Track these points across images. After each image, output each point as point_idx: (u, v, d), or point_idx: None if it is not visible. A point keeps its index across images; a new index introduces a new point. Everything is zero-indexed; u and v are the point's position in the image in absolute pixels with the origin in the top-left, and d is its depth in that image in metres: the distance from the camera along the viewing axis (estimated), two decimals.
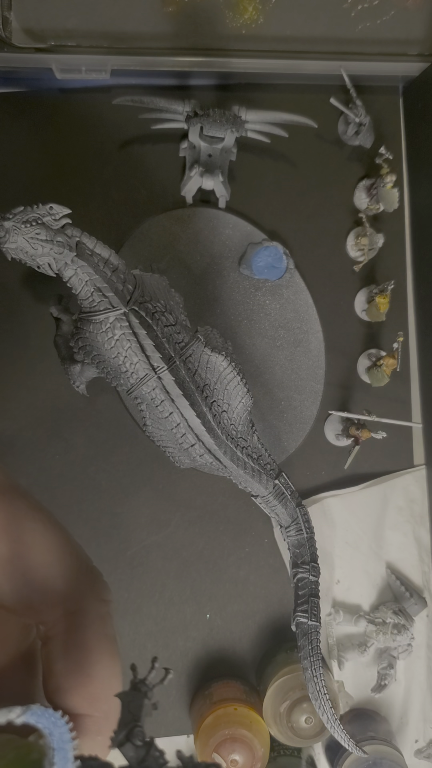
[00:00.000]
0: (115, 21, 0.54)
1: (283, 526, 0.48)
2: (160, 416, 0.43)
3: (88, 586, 0.23)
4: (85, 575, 0.23)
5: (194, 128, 0.53)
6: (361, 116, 0.55)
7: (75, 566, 0.22)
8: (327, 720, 0.47)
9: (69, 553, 0.22)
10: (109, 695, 0.22)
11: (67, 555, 0.22)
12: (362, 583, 0.59)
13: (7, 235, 0.40)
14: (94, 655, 0.22)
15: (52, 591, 0.22)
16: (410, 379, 0.60)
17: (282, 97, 0.57)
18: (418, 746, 0.58)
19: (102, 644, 0.22)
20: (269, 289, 0.57)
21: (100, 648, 0.22)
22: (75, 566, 0.22)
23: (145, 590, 0.57)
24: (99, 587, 0.23)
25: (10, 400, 0.56)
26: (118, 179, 0.57)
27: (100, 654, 0.22)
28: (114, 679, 0.22)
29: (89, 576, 0.23)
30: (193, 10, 0.54)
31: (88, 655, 0.22)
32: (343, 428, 0.58)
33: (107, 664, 0.22)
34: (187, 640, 0.58)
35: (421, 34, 0.57)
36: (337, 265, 0.59)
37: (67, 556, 0.22)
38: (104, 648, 0.22)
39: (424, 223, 0.58)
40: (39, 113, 0.56)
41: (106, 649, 0.22)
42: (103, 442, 0.57)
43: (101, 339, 0.42)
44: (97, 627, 0.22)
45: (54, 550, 0.22)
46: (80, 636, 0.22)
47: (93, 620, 0.22)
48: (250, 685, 0.57)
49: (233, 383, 0.45)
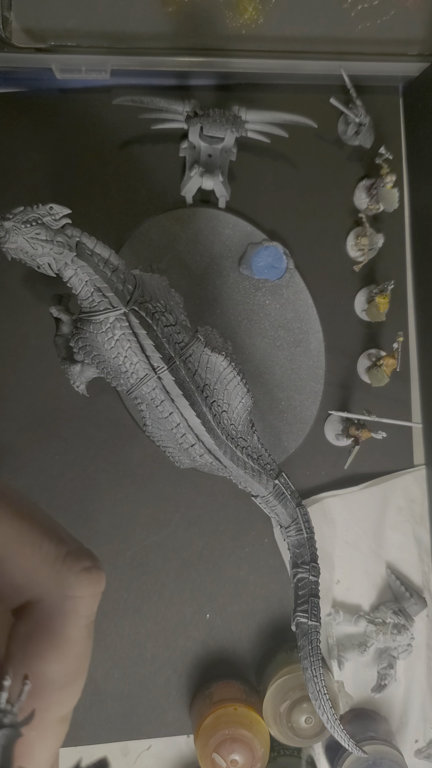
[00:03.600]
0: (115, 21, 0.54)
1: (283, 526, 0.48)
2: (160, 416, 0.43)
3: (52, 579, 0.22)
4: (49, 567, 0.22)
5: (194, 128, 0.53)
6: (361, 116, 0.55)
7: (34, 557, 0.22)
8: (327, 720, 0.47)
9: (28, 542, 0.22)
10: (49, 692, 0.21)
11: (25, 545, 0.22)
12: (362, 583, 0.59)
13: (7, 235, 0.40)
14: (41, 650, 0.22)
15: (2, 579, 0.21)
16: (410, 379, 0.60)
17: (282, 97, 0.57)
18: (418, 746, 0.58)
19: (55, 640, 0.22)
20: (269, 289, 0.57)
21: (53, 644, 0.22)
22: (34, 557, 0.22)
23: (145, 590, 0.57)
24: (70, 583, 0.22)
25: (10, 400, 0.56)
26: (118, 179, 0.57)
27: (48, 650, 0.22)
28: (61, 677, 0.22)
29: (55, 568, 0.22)
30: (193, 10, 0.54)
31: (35, 647, 0.22)
32: (343, 428, 0.58)
33: (55, 661, 0.22)
34: (187, 640, 0.58)
35: (421, 34, 0.57)
36: (337, 265, 0.59)
37: (24, 547, 0.22)
38: (57, 644, 0.22)
39: (424, 223, 0.58)
40: (39, 113, 0.56)
41: (58, 646, 0.22)
42: (103, 442, 0.57)
43: (101, 339, 0.42)
44: (55, 623, 0.22)
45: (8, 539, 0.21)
46: (28, 627, 0.22)
47: (51, 614, 0.22)
48: (250, 685, 0.57)
49: (233, 383, 0.45)
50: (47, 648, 0.22)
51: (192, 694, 0.58)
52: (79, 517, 0.56)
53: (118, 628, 0.57)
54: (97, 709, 0.57)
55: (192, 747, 0.58)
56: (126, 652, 0.57)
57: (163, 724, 0.58)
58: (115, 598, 0.57)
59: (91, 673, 0.57)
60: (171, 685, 0.58)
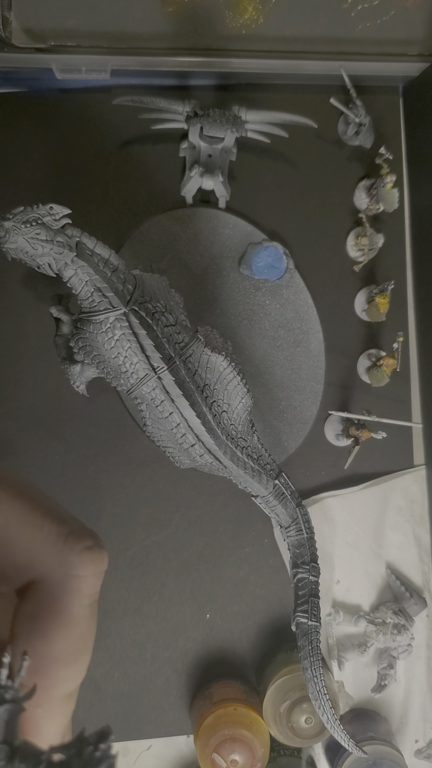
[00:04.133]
0: (115, 21, 0.54)
1: (283, 526, 0.48)
2: (160, 416, 0.43)
3: (54, 559, 0.22)
4: (51, 547, 0.22)
5: (194, 128, 0.53)
6: (361, 116, 0.55)
7: (36, 538, 0.22)
8: (327, 720, 0.47)
9: (30, 523, 0.22)
10: (54, 670, 0.22)
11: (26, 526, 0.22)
12: (362, 583, 0.59)
13: (7, 235, 0.40)
14: (45, 629, 0.22)
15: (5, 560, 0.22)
16: (410, 379, 0.60)
17: (282, 97, 0.57)
18: (418, 746, 0.58)
19: (59, 619, 0.22)
20: (269, 289, 0.57)
21: (56, 623, 0.22)
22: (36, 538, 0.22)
23: (145, 590, 0.57)
24: (72, 562, 0.22)
25: (10, 400, 0.56)
26: (118, 179, 0.57)
27: (52, 629, 0.22)
28: (66, 656, 0.22)
29: (57, 548, 0.22)
30: (193, 10, 0.54)
31: (39, 627, 0.22)
32: (343, 428, 0.58)
33: (59, 639, 0.22)
34: (187, 640, 0.58)
35: (421, 34, 0.57)
36: (337, 265, 0.59)
37: (26, 528, 0.22)
38: (60, 623, 0.22)
39: (424, 223, 0.58)
40: (39, 113, 0.56)
41: (62, 625, 0.22)
42: (103, 442, 0.57)
43: (101, 339, 0.42)
44: (58, 602, 0.22)
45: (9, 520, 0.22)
46: (32, 607, 0.22)
47: (54, 594, 0.22)
48: (250, 685, 0.57)
49: (233, 383, 0.45)
50: (51, 627, 0.22)
51: (192, 694, 0.58)
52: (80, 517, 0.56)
53: (118, 628, 0.57)
54: (97, 709, 0.57)
55: (192, 747, 0.58)
56: (126, 652, 0.57)
57: (163, 724, 0.58)
58: (115, 598, 0.57)
59: (91, 673, 0.57)
60: (171, 685, 0.58)
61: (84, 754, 0.18)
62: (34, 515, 0.22)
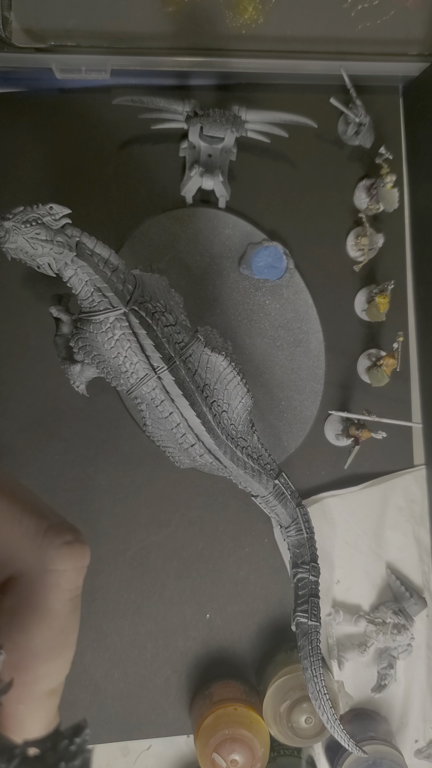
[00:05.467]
0: (115, 21, 0.54)
1: (283, 526, 0.48)
2: (160, 416, 0.43)
3: (33, 553, 0.22)
4: (30, 542, 0.22)
5: (194, 128, 0.53)
6: (361, 116, 0.55)
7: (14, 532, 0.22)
8: (327, 720, 0.47)
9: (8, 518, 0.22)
10: (35, 665, 0.22)
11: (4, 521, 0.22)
12: (362, 583, 0.59)
13: (7, 235, 0.40)
14: (24, 624, 0.22)
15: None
16: (410, 379, 0.60)
17: (282, 97, 0.57)
18: (418, 746, 0.58)
19: (38, 614, 0.22)
20: (269, 289, 0.57)
21: (35, 618, 0.22)
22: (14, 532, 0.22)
23: (145, 590, 0.57)
24: (51, 556, 0.22)
25: (10, 400, 0.56)
26: (118, 179, 0.57)
27: (32, 624, 0.22)
28: (47, 650, 0.22)
29: (36, 543, 0.22)
30: (193, 10, 0.54)
31: (18, 622, 0.22)
32: (343, 428, 0.58)
33: (38, 634, 0.22)
34: (187, 640, 0.58)
35: (421, 34, 0.57)
36: (337, 265, 0.59)
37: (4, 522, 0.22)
38: (39, 618, 0.22)
39: (424, 223, 0.58)
40: (39, 113, 0.56)
41: (41, 620, 0.22)
42: (103, 442, 0.57)
43: (101, 339, 0.42)
44: (37, 597, 0.22)
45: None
46: (11, 602, 0.22)
47: (33, 589, 0.22)
48: (250, 685, 0.57)
49: (233, 383, 0.45)
50: (30, 622, 0.22)
51: (192, 694, 0.58)
52: (79, 517, 0.56)
53: (118, 628, 0.57)
54: (97, 709, 0.57)
55: (192, 747, 0.58)
56: (126, 652, 0.57)
57: (163, 724, 0.58)
58: (115, 598, 0.57)
59: (91, 673, 0.57)
60: (171, 685, 0.58)
61: (59, 748, 0.18)
62: (12, 509, 0.22)
